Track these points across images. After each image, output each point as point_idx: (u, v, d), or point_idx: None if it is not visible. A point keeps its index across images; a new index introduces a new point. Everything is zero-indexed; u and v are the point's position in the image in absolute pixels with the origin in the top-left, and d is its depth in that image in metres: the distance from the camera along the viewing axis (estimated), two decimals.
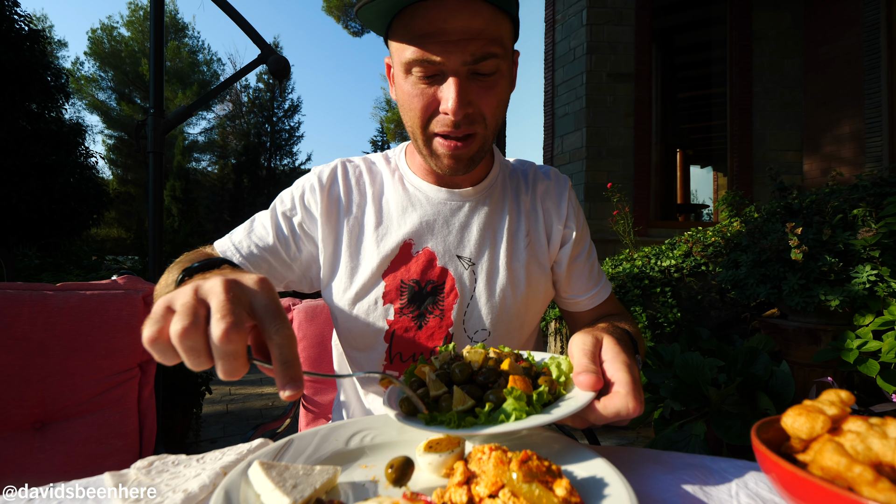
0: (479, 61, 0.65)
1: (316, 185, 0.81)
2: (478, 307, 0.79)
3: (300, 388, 0.39)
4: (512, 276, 0.80)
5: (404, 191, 0.82)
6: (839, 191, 2.38)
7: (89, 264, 3.32)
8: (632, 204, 4.92)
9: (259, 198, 26.46)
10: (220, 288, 0.40)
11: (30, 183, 7.82)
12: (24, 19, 8.21)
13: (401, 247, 0.78)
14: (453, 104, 0.65)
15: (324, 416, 1.28)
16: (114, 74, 23.81)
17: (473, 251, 0.80)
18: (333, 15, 19.80)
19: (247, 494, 0.40)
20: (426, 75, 0.66)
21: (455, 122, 0.67)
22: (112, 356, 0.94)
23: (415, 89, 0.68)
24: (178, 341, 0.37)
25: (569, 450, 0.48)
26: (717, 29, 5.89)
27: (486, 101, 0.68)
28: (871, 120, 4.56)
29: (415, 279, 0.78)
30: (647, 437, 2.66)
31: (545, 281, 0.84)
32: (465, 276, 0.79)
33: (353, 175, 0.84)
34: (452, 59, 0.64)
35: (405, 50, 0.66)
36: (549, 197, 0.86)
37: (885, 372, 1.75)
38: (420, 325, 0.78)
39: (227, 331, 0.37)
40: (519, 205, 0.85)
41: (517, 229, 0.83)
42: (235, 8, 1.80)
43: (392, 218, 0.80)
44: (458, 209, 0.81)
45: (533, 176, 0.88)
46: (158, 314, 0.39)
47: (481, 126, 0.70)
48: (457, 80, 0.65)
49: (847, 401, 0.40)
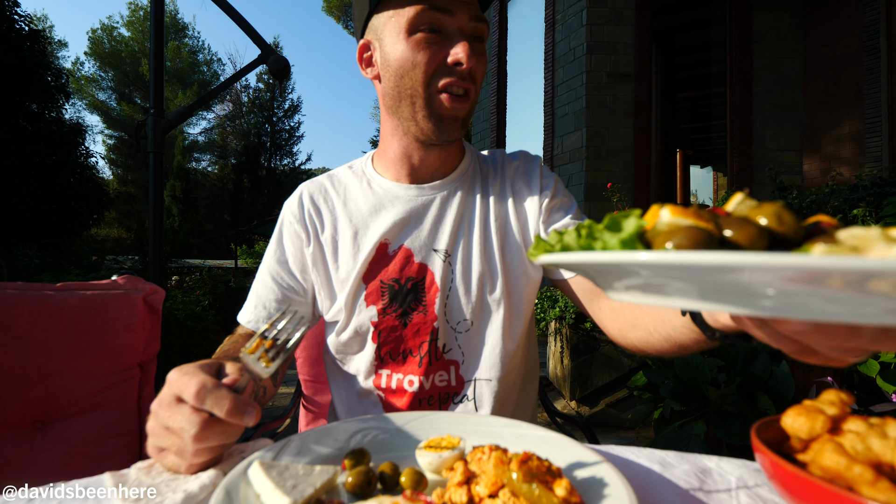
0: (479, 21, 0.71)
1: (292, 218, 0.84)
2: (458, 298, 0.79)
3: (254, 414, 0.46)
4: (486, 262, 0.80)
5: (373, 193, 0.83)
6: (839, 191, 2.38)
7: (89, 264, 3.32)
8: (632, 204, 4.92)
9: (259, 198, 26.49)
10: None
11: (30, 183, 7.82)
12: (24, 19, 8.21)
13: (377, 248, 0.79)
14: (465, 52, 0.69)
15: (324, 416, 1.28)
16: (114, 74, 23.82)
17: (448, 243, 0.80)
18: (333, 15, 19.80)
19: (247, 494, 0.40)
20: (431, 29, 0.70)
21: (462, 72, 0.71)
22: (112, 356, 0.94)
23: (419, 45, 0.70)
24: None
25: (569, 450, 0.48)
26: (717, 29, 5.88)
27: (478, 66, 0.72)
28: (870, 120, 4.56)
29: (394, 278, 0.79)
30: (647, 437, 2.66)
31: (520, 263, 0.82)
32: (442, 269, 0.79)
33: (319, 194, 0.85)
34: (461, 13, 0.70)
35: (408, 9, 0.69)
36: (518, 177, 0.86)
37: (885, 372, 1.75)
38: (405, 322, 0.79)
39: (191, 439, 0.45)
40: (488, 190, 0.85)
41: (487, 214, 0.83)
42: (235, 8, 1.80)
43: (365, 221, 0.81)
44: (430, 203, 0.82)
45: (502, 161, 0.89)
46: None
47: (474, 86, 0.74)
48: (465, 35, 0.70)
49: (847, 401, 0.40)
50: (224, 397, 0.45)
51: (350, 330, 0.80)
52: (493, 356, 0.81)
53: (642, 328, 0.65)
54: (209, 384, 0.46)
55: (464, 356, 0.80)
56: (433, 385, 0.80)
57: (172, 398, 0.47)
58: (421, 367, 0.79)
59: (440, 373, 0.80)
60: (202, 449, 0.46)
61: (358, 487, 0.42)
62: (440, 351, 0.80)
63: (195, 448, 0.45)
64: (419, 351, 0.79)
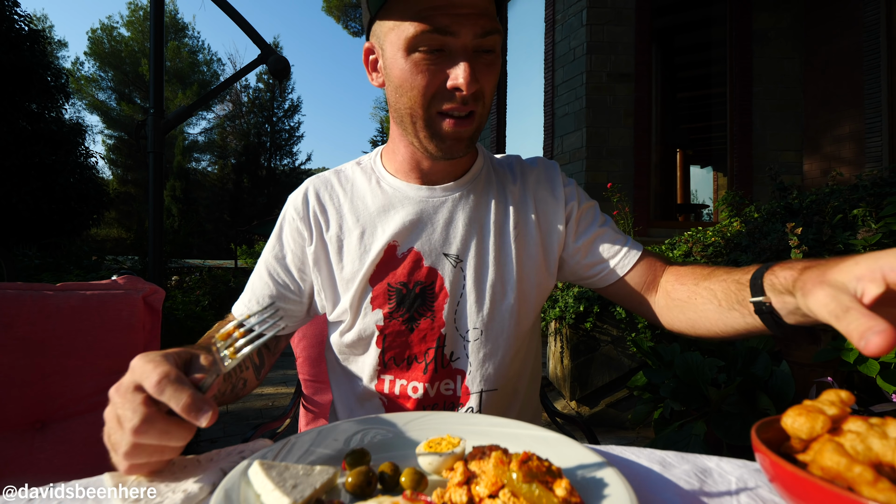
0: (487, 35, 0.65)
1: (294, 216, 0.81)
2: (469, 305, 0.77)
3: (209, 415, 0.44)
4: (501, 270, 0.78)
5: (382, 193, 0.80)
6: (839, 191, 2.38)
7: (89, 264, 3.32)
8: (632, 204, 4.92)
9: (259, 198, 26.49)
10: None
11: (30, 183, 7.83)
12: (24, 19, 8.22)
13: (385, 250, 0.76)
14: (465, 78, 0.64)
15: (324, 416, 1.28)
16: (114, 74, 23.83)
17: (460, 247, 0.77)
18: (333, 15, 19.81)
19: (247, 494, 0.40)
20: (432, 50, 0.65)
21: (464, 97, 0.66)
22: (112, 356, 0.94)
23: (418, 66, 0.65)
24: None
25: (569, 450, 0.48)
26: (717, 29, 5.88)
27: (487, 79, 0.68)
28: (870, 120, 4.56)
29: (402, 281, 0.76)
30: (647, 437, 2.66)
31: (537, 273, 0.81)
32: (453, 275, 0.77)
33: (325, 191, 0.82)
34: (464, 31, 0.63)
35: (409, 26, 0.64)
36: (541, 185, 0.84)
37: (885, 372, 1.75)
38: (411, 327, 0.76)
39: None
40: (506, 196, 0.82)
41: (504, 221, 0.80)
42: (235, 8, 1.80)
43: (372, 221, 0.79)
44: (441, 205, 0.79)
45: (520, 167, 0.86)
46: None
47: (481, 104, 0.69)
48: (467, 55, 0.65)
49: (847, 401, 0.40)
50: (183, 392, 0.43)
51: (354, 332, 0.78)
52: (502, 367, 0.78)
53: (704, 329, 0.69)
54: (172, 375, 0.44)
55: (471, 366, 0.77)
56: (438, 393, 0.78)
57: (131, 385, 0.45)
58: (426, 374, 0.76)
59: (446, 381, 0.78)
60: (138, 446, 0.43)
61: (358, 487, 0.42)
62: (447, 359, 0.77)
63: (132, 441, 0.42)
64: (425, 357, 0.77)
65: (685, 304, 0.70)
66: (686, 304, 0.70)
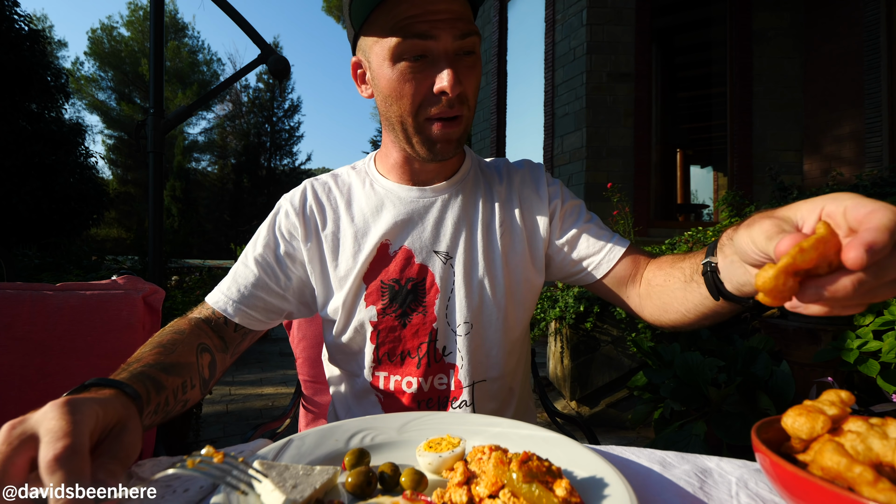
0: (465, 37, 0.68)
1: (290, 211, 0.83)
2: (458, 300, 0.80)
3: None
4: (489, 266, 0.81)
5: (375, 194, 0.83)
6: (839, 191, 2.38)
7: (89, 264, 3.32)
8: (632, 204, 4.92)
9: (259, 198, 26.49)
10: None
11: (30, 183, 7.83)
12: (24, 19, 8.22)
13: (378, 248, 0.79)
14: (449, 81, 0.67)
15: (323, 416, 1.28)
16: (114, 74, 23.83)
17: (449, 245, 0.80)
18: (333, 15, 19.82)
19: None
20: (416, 57, 0.68)
21: (450, 100, 0.69)
22: (112, 356, 0.94)
23: (404, 76, 0.69)
24: None
25: (569, 450, 0.48)
26: (717, 29, 5.88)
27: (469, 81, 0.71)
28: (871, 120, 4.56)
29: (394, 278, 0.79)
30: (647, 437, 2.66)
31: (524, 269, 0.83)
32: (443, 271, 0.80)
33: (323, 192, 0.85)
34: (444, 35, 0.67)
35: (391, 37, 0.67)
36: (526, 185, 0.87)
37: (886, 372, 1.75)
38: (404, 323, 0.79)
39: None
40: (493, 195, 0.85)
41: (491, 219, 0.83)
42: (235, 8, 1.80)
43: (366, 221, 0.82)
44: (431, 205, 0.82)
45: (507, 169, 0.90)
46: None
47: (466, 107, 0.72)
48: (449, 59, 0.68)
49: (847, 401, 0.40)
50: (73, 485, 0.33)
51: (349, 330, 0.80)
52: (492, 360, 0.81)
53: (674, 312, 0.69)
54: (77, 451, 0.35)
55: (463, 360, 0.80)
56: (432, 387, 0.80)
57: (25, 433, 0.36)
58: (419, 369, 0.79)
59: (439, 375, 0.80)
60: None
61: (358, 487, 0.42)
62: (439, 353, 0.80)
63: None
64: (418, 352, 0.79)
65: (661, 289, 0.71)
66: (661, 287, 0.71)
